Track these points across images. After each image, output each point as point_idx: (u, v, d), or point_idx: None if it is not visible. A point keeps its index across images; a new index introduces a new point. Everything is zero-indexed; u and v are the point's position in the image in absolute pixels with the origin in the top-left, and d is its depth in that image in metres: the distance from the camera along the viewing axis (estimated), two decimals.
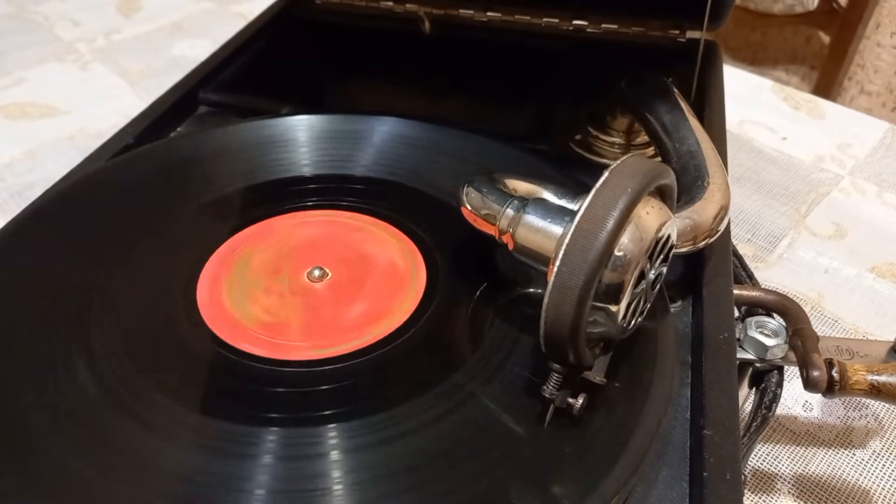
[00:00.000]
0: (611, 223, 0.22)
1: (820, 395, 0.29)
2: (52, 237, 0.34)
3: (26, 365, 0.28)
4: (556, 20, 0.50)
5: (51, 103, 0.60)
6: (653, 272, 0.25)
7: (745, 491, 0.34)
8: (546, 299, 0.23)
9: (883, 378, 0.29)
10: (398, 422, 0.26)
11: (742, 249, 0.47)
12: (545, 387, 0.25)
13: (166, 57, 0.68)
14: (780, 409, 0.37)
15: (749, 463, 0.35)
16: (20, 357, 0.28)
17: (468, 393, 0.27)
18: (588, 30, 0.50)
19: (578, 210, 0.23)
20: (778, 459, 0.35)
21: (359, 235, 0.35)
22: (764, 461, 0.35)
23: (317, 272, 0.32)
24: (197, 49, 0.69)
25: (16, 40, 0.69)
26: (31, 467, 0.25)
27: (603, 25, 0.49)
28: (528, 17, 0.50)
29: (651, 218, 0.24)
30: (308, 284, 0.32)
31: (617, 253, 0.23)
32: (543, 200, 0.27)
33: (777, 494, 0.34)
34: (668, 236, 0.25)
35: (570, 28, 0.50)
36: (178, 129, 0.44)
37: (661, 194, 0.26)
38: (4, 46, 0.68)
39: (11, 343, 0.29)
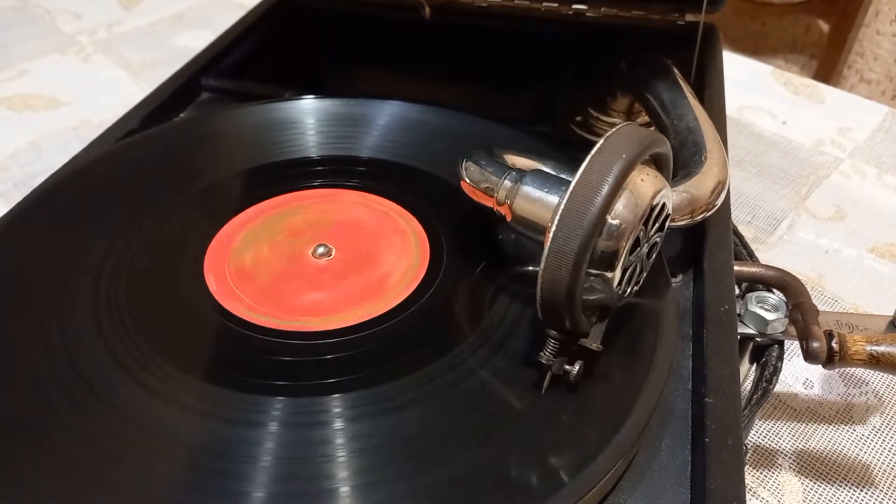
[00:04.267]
0: (605, 188, 0.22)
1: (820, 367, 0.29)
2: (63, 215, 0.35)
3: (38, 339, 0.29)
4: (556, 4, 0.50)
5: (54, 95, 0.60)
6: (648, 241, 0.26)
7: (747, 466, 0.34)
8: (542, 265, 0.23)
9: (882, 348, 0.29)
10: (399, 394, 0.26)
11: (743, 231, 0.47)
12: (542, 353, 0.25)
13: (168, 48, 0.68)
14: (781, 387, 0.38)
15: (751, 439, 0.35)
16: (32, 333, 0.29)
17: (469, 366, 0.27)
18: (588, 14, 0.50)
19: (574, 177, 0.23)
20: (779, 435, 0.35)
21: (388, 232, 0.35)
22: (765, 437, 0.35)
23: (321, 249, 0.32)
24: (198, 40, 0.69)
25: (18, 33, 0.69)
26: (46, 438, 0.25)
27: (602, 9, 0.50)
28: (527, 2, 0.51)
29: (646, 185, 0.24)
30: (307, 257, 0.32)
31: (611, 220, 0.23)
32: (541, 171, 0.28)
33: (778, 469, 0.34)
34: (664, 205, 0.25)
35: (570, 12, 0.50)
36: (181, 114, 0.44)
37: (657, 163, 0.26)
38: (7, 39, 0.68)
39: (22, 322, 0.29)
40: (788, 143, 0.56)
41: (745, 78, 0.63)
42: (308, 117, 0.41)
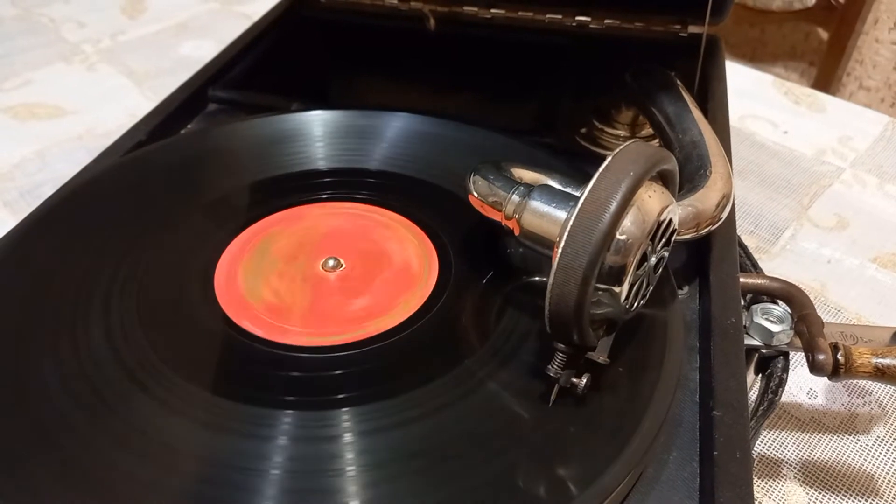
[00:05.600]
0: (613, 206, 0.23)
1: (825, 378, 0.29)
2: (74, 228, 0.35)
3: (51, 351, 0.29)
4: (560, 16, 0.50)
5: (58, 104, 0.61)
6: (655, 255, 0.26)
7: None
8: (550, 280, 0.23)
9: (887, 361, 0.29)
10: (408, 407, 0.27)
11: (745, 241, 0.47)
12: (550, 366, 0.25)
13: (172, 57, 0.68)
14: (786, 397, 0.38)
15: (755, 449, 0.35)
16: (45, 344, 0.29)
17: (478, 379, 0.28)
18: (591, 25, 0.50)
19: (582, 194, 0.23)
20: (784, 445, 0.36)
21: (380, 230, 0.35)
22: (770, 447, 0.36)
23: (331, 262, 0.33)
24: (202, 49, 0.69)
25: (23, 42, 0.70)
26: (56, 447, 0.25)
27: (606, 21, 0.50)
28: (531, 14, 0.51)
29: (653, 201, 0.24)
30: (321, 273, 0.33)
31: (619, 235, 0.23)
32: (548, 186, 0.28)
33: (783, 479, 0.34)
34: (670, 220, 0.26)
35: (574, 24, 0.51)
36: (189, 125, 0.45)
37: (664, 179, 0.26)
38: (12, 48, 0.68)
39: (35, 334, 0.30)
40: (790, 152, 0.56)
41: (746, 87, 0.64)
42: (315, 130, 0.41)
